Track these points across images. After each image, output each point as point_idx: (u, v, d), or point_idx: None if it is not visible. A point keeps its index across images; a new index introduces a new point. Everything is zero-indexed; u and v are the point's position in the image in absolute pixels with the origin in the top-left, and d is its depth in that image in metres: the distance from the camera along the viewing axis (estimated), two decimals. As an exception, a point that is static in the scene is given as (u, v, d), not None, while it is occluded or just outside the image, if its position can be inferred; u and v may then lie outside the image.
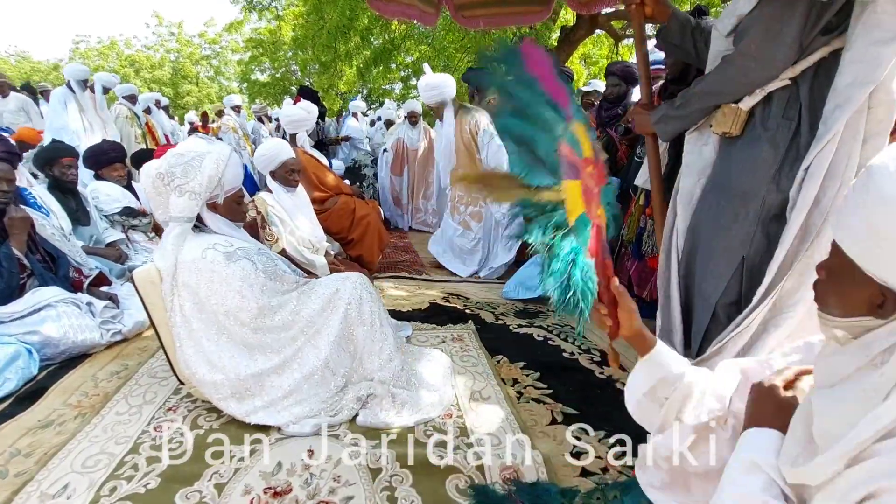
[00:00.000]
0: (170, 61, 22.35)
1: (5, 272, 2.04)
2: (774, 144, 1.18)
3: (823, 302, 0.73)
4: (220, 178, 1.70)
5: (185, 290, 1.65)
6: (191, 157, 1.66)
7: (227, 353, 1.67)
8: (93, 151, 3.40)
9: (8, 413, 1.75)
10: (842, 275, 0.68)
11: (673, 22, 1.49)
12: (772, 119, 1.20)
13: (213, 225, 1.76)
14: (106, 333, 2.24)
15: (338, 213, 3.34)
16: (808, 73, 1.15)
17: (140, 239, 3.34)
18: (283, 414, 1.66)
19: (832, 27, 1.12)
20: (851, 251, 0.65)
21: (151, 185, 1.67)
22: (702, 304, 1.34)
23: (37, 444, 1.59)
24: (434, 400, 1.81)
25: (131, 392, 1.90)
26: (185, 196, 1.65)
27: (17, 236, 2.14)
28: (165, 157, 1.68)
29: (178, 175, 1.63)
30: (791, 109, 1.17)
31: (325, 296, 1.80)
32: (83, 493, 1.37)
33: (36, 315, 2.08)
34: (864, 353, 0.65)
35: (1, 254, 2.06)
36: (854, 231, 0.65)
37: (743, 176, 1.24)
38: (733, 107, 1.25)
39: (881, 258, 0.62)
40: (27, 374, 1.95)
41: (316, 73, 12.65)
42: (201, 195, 1.68)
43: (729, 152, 1.32)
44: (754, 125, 1.24)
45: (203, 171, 1.65)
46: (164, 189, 1.65)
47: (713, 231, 1.30)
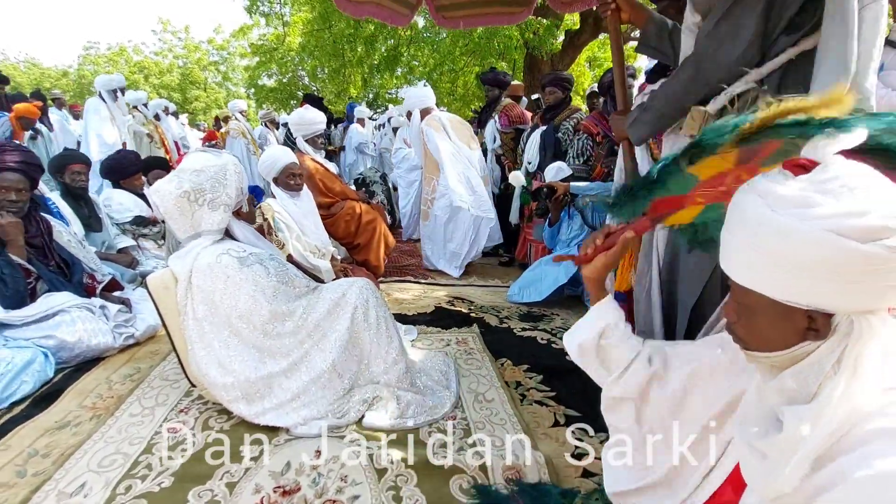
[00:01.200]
0: (178, 67, 22.66)
1: (8, 278, 2.09)
2: None
3: (749, 343, 0.72)
4: (242, 187, 1.78)
5: (200, 294, 1.70)
6: (214, 172, 1.72)
7: (237, 356, 1.72)
8: (116, 162, 3.50)
9: (25, 415, 1.81)
10: (758, 313, 0.68)
11: (650, 25, 1.49)
12: None
13: (238, 232, 1.83)
14: (119, 337, 2.30)
15: (344, 219, 3.38)
16: (776, 76, 1.12)
17: (150, 246, 3.41)
18: (291, 416, 1.70)
19: (797, 26, 1.09)
20: (763, 288, 0.65)
21: (174, 205, 1.69)
22: (681, 309, 1.34)
23: (54, 445, 1.64)
24: (438, 402, 1.85)
25: (144, 394, 1.96)
26: (220, 209, 1.72)
27: (13, 242, 2.16)
28: (180, 176, 1.70)
29: (207, 190, 1.69)
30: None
31: (332, 300, 1.85)
32: (99, 492, 1.42)
33: (51, 319, 2.14)
34: (819, 371, 0.65)
35: (1, 261, 2.10)
36: (758, 268, 0.65)
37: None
38: (701, 109, 1.23)
39: (796, 285, 0.62)
40: (43, 377, 2.01)
41: (324, 79, 12.78)
42: (231, 206, 1.75)
43: None
44: None
45: (229, 182, 1.73)
46: (190, 207, 1.69)
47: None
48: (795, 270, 0.62)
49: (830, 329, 0.64)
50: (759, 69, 1.13)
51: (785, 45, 1.10)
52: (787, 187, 0.63)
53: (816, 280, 0.61)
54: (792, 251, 0.61)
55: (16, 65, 23.32)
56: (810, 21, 1.07)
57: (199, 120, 18.23)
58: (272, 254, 1.90)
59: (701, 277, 1.26)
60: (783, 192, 0.63)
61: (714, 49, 1.16)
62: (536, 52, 7.68)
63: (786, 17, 1.08)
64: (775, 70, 1.12)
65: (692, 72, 1.22)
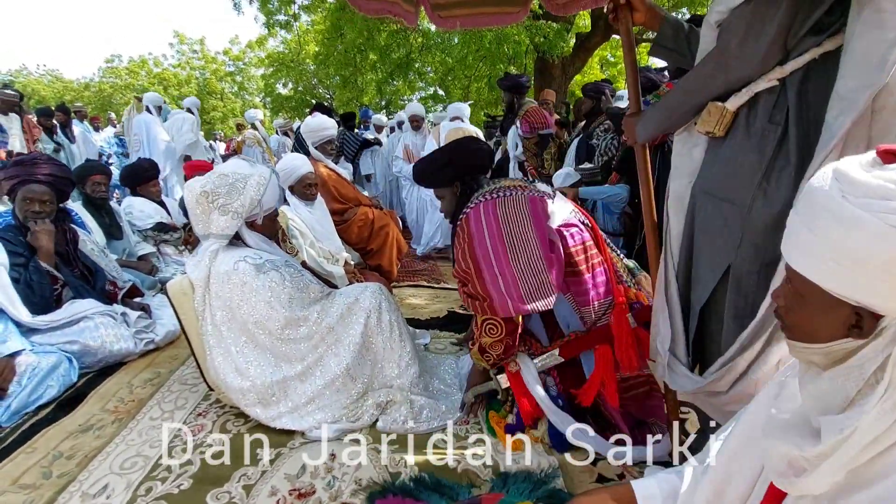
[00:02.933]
0: (195, 78, 23.21)
1: (36, 284, 2.17)
2: (760, 150, 1.13)
3: (793, 332, 0.69)
4: (259, 200, 1.82)
5: (218, 300, 1.74)
6: (235, 179, 1.78)
7: (253, 360, 1.75)
8: (133, 170, 3.61)
9: (51, 418, 1.86)
10: (807, 301, 0.66)
11: (665, 27, 1.46)
12: (757, 123, 1.15)
13: (251, 241, 1.88)
14: (140, 342, 2.36)
15: (357, 224, 3.42)
16: (797, 76, 1.10)
17: (170, 252, 3.50)
18: (306, 419, 1.72)
19: (823, 27, 1.06)
20: (816, 276, 0.63)
21: (195, 200, 1.78)
22: (692, 312, 1.31)
23: (78, 447, 1.69)
24: (451, 406, 1.85)
25: (164, 398, 2.00)
26: (228, 215, 1.77)
27: (44, 249, 2.25)
28: (210, 175, 1.81)
29: (222, 195, 1.76)
30: (777, 113, 1.12)
31: (345, 305, 1.87)
32: (121, 494, 1.46)
33: (75, 326, 2.20)
34: (859, 376, 0.62)
35: (30, 267, 2.19)
36: (815, 256, 0.62)
37: (728, 181, 1.19)
38: (719, 106, 1.19)
39: (850, 279, 0.60)
40: (68, 381, 2.07)
41: (337, 87, 12.97)
42: (242, 215, 1.80)
43: (715, 155, 1.26)
44: (738, 128, 1.19)
45: (246, 193, 1.78)
46: (207, 206, 1.77)
47: (704, 238, 1.27)
48: (853, 264, 0.58)
49: (875, 331, 0.61)
50: (783, 67, 1.10)
51: (809, 45, 1.07)
52: (868, 174, 0.60)
53: (873, 278, 0.58)
54: (853, 243, 0.58)
55: (39, 78, 24.12)
56: (836, 22, 1.05)
57: (217, 129, 18.61)
58: (287, 260, 1.94)
59: (712, 279, 1.23)
60: (860, 178, 0.60)
61: (738, 44, 1.12)
62: (547, 56, 7.68)
63: (814, 16, 1.05)
64: (797, 70, 1.09)
65: (714, 67, 1.18)
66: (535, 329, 1.76)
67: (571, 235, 1.62)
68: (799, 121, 1.09)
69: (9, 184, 2.22)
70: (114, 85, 23.27)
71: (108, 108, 19.51)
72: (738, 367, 1.16)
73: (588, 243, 1.64)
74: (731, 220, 1.18)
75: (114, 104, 21.14)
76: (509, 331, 1.61)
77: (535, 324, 1.75)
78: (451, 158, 1.81)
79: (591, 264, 1.64)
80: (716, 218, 1.22)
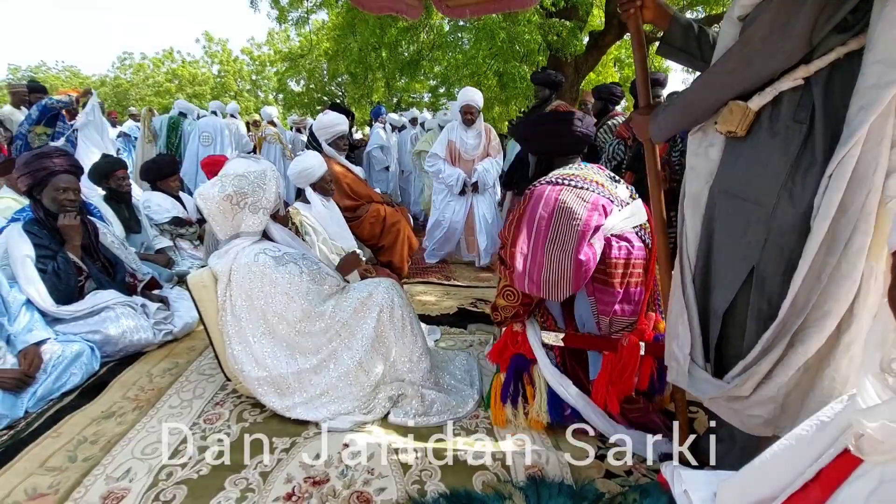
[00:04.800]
0: (213, 76, 23.49)
1: (63, 275, 2.25)
2: (785, 150, 1.11)
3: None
4: (280, 191, 1.88)
5: (238, 291, 1.79)
6: (255, 177, 1.82)
7: (270, 351, 1.80)
8: (154, 165, 3.73)
9: (75, 404, 1.93)
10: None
11: (675, 25, 1.44)
12: (780, 122, 1.13)
13: (276, 234, 1.93)
14: (158, 333, 2.42)
15: (369, 221, 3.47)
16: (823, 74, 1.08)
17: (186, 246, 3.58)
18: (320, 410, 1.77)
19: (848, 25, 1.04)
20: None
21: (217, 207, 1.79)
22: (713, 316, 1.28)
23: (101, 433, 1.75)
24: (461, 401, 1.89)
25: (182, 388, 2.06)
26: (259, 212, 1.83)
27: (72, 241, 2.33)
28: (224, 179, 1.81)
29: (249, 194, 1.80)
30: (801, 112, 1.10)
31: (359, 300, 1.91)
32: (143, 478, 1.51)
33: (97, 316, 2.27)
34: None
35: (59, 259, 2.27)
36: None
37: (752, 182, 1.17)
38: (742, 105, 1.16)
39: None
40: (90, 369, 2.14)
41: (347, 84, 13.04)
42: (269, 209, 1.86)
43: (736, 155, 1.23)
44: (760, 127, 1.16)
45: (269, 187, 1.84)
46: (232, 209, 1.79)
47: (725, 239, 1.24)
48: None
49: None
50: (808, 66, 1.08)
51: (834, 44, 1.06)
52: None
53: None
54: None
55: (58, 74, 24.53)
56: (861, 21, 1.04)
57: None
58: (305, 254, 1.98)
59: (736, 282, 1.21)
60: None
61: (762, 39, 1.09)
62: (560, 55, 7.65)
63: (839, 14, 1.03)
64: (823, 68, 1.08)
65: (736, 62, 1.15)
66: (552, 310, 1.80)
67: (619, 248, 1.61)
68: (826, 119, 1.07)
69: (36, 176, 2.27)
70: (130, 81, 23.60)
71: (125, 103, 19.82)
72: (760, 371, 1.14)
73: (634, 261, 1.62)
74: (754, 221, 1.16)
75: (129, 100, 21.44)
76: (524, 303, 1.71)
77: (555, 306, 1.79)
78: (533, 134, 1.93)
79: (628, 281, 1.63)
80: (738, 219, 1.20)
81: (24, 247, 2.20)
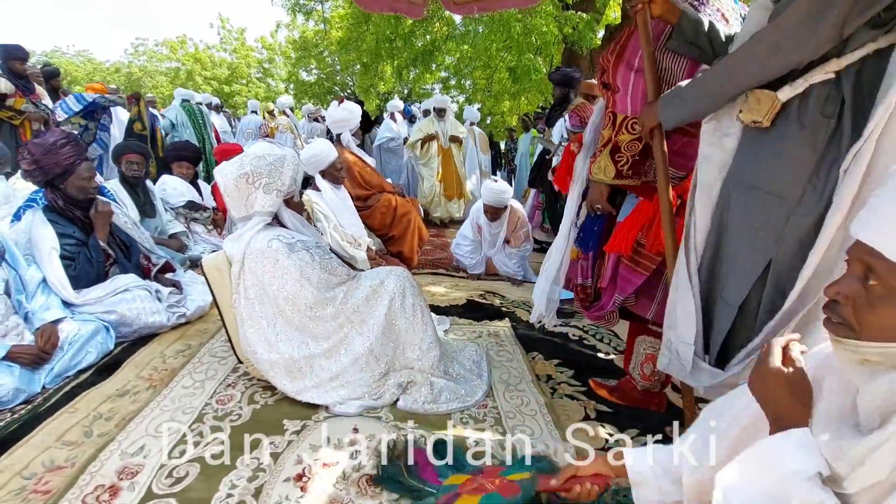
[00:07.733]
0: (227, 62, 23.55)
1: (94, 261, 2.29)
2: (812, 144, 1.10)
3: (861, 330, 0.65)
4: (296, 178, 1.91)
5: (251, 276, 1.81)
6: (273, 160, 1.86)
7: (283, 335, 1.82)
8: (175, 147, 3.88)
9: (90, 382, 1.97)
10: (884, 295, 0.62)
11: (685, 20, 1.44)
12: (808, 115, 1.11)
13: (287, 219, 1.95)
14: (172, 316, 2.45)
15: (380, 211, 3.48)
16: (853, 70, 1.07)
17: (200, 230, 3.61)
18: (330, 394, 1.79)
19: (882, 22, 1.03)
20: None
21: (234, 184, 1.85)
22: (724, 307, 1.27)
23: (116, 410, 1.78)
24: (470, 390, 1.90)
25: (195, 369, 2.09)
26: (272, 193, 1.86)
27: (102, 228, 2.38)
28: (244, 158, 1.87)
29: (264, 174, 1.84)
30: (829, 106, 1.09)
31: (370, 287, 1.92)
32: (156, 455, 1.54)
33: (114, 297, 2.31)
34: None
35: (90, 244, 2.31)
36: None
37: (776, 174, 1.15)
38: (771, 94, 1.13)
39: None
40: (105, 348, 2.18)
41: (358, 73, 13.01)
42: (283, 192, 1.88)
43: (757, 146, 1.21)
44: (788, 119, 1.14)
45: (286, 171, 1.87)
46: (247, 187, 1.84)
47: (742, 232, 1.23)
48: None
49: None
50: (839, 60, 1.07)
51: (865, 39, 1.05)
52: None
53: None
54: None
55: (72, 59, 24.71)
56: (893, 18, 1.03)
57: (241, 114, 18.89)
58: (318, 242, 2.00)
59: (751, 275, 1.20)
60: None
61: (795, 26, 1.08)
62: (576, 48, 7.57)
63: (875, 8, 1.02)
64: (853, 63, 1.07)
65: (766, 48, 1.12)
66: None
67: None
68: (853, 115, 1.07)
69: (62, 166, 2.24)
70: (143, 68, 23.73)
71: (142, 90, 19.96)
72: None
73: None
74: (774, 215, 1.16)
75: (142, 87, 21.58)
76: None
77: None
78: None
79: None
80: (758, 211, 1.19)
81: (50, 239, 2.22)
